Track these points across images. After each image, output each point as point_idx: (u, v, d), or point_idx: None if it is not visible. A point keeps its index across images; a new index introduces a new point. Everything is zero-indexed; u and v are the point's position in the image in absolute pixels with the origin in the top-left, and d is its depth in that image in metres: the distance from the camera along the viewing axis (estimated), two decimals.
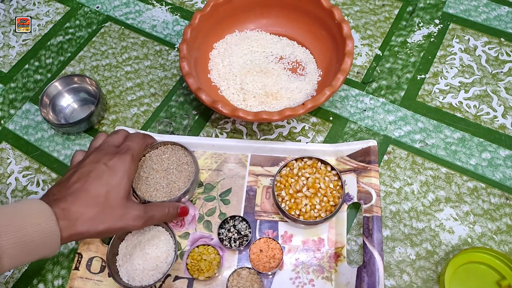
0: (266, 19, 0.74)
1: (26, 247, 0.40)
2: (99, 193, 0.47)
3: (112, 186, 0.48)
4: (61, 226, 0.43)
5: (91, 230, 0.45)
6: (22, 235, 0.40)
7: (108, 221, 0.47)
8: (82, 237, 0.46)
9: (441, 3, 0.78)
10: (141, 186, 0.57)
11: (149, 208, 0.52)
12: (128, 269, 0.54)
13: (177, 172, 0.58)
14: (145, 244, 0.55)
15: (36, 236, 0.41)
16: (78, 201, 0.45)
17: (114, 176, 0.48)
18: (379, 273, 0.51)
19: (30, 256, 0.42)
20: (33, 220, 0.41)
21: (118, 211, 0.48)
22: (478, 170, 0.61)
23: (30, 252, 0.41)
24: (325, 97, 0.58)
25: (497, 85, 0.68)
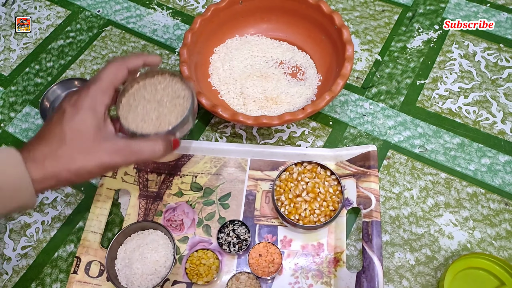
0: (266, 24, 0.74)
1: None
2: (63, 131, 0.43)
3: (76, 123, 0.43)
4: (30, 169, 0.40)
5: (63, 170, 0.42)
6: None
7: (80, 158, 0.42)
8: (57, 180, 0.42)
9: (441, 9, 0.78)
10: (128, 115, 0.49)
11: (134, 142, 0.45)
12: (126, 273, 0.53)
13: (170, 105, 0.49)
14: (144, 248, 0.54)
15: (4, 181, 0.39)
16: (43, 142, 0.42)
17: (77, 113, 0.43)
18: (378, 278, 0.51)
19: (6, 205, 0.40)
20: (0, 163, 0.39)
21: (88, 146, 0.43)
22: (478, 176, 0.61)
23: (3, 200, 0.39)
24: (325, 102, 0.58)
25: (497, 91, 0.68)
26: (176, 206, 0.62)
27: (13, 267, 0.60)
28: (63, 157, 0.42)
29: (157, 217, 0.61)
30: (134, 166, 0.63)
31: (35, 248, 0.62)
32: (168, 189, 0.63)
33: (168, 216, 0.61)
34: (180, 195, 0.62)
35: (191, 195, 0.62)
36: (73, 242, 0.61)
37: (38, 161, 0.41)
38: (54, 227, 0.63)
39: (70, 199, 0.65)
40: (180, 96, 0.50)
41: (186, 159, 0.65)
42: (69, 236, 0.62)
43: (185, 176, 0.64)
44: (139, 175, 0.63)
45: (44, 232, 0.63)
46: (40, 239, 0.62)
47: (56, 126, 0.43)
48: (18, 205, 0.41)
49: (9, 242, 0.62)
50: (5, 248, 0.62)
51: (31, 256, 0.61)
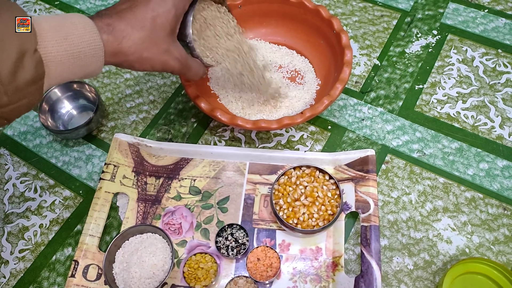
0: (265, 28, 0.75)
1: (72, 57, 0.39)
2: (146, 17, 0.45)
3: (159, 14, 0.45)
4: (105, 41, 0.42)
5: (135, 54, 0.45)
6: (68, 45, 0.39)
7: (154, 50, 0.46)
8: (124, 59, 0.45)
9: (439, 14, 0.79)
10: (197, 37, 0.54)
11: (190, 58, 0.52)
12: (124, 277, 0.53)
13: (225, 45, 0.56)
14: (142, 252, 0.54)
15: (82, 47, 0.40)
16: (124, 21, 0.44)
17: (162, 6, 0.46)
18: (376, 283, 0.51)
19: (75, 70, 0.41)
20: (77, 31, 0.40)
21: (164, 44, 0.47)
22: (476, 180, 0.61)
23: (75, 65, 0.40)
24: (324, 106, 0.58)
25: (495, 96, 0.69)
26: (174, 210, 0.61)
27: (11, 270, 0.60)
28: (139, 43, 0.45)
29: (156, 221, 0.61)
30: (133, 169, 0.63)
31: (33, 251, 0.61)
32: (166, 192, 0.63)
33: (166, 219, 0.61)
34: (178, 199, 0.62)
35: (189, 198, 0.62)
36: (71, 245, 0.61)
37: (117, 37, 0.43)
38: (52, 230, 0.63)
39: (68, 202, 0.65)
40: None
41: (184, 163, 0.65)
42: (67, 240, 0.62)
43: (184, 180, 0.64)
44: (137, 178, 0.63)
45: (42, 235, 0.62)
46: (38, 242, 0.62)
47: (140, 11, 0.45)
48: (86, 72, 0.43)
49: (7, 245, 0.62)
50: (3, 251, 0.62)
51: (28, 259, 0.61)
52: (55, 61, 0.38)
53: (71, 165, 0.68)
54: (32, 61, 0.36)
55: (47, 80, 0.39)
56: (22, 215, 0.64)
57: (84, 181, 0.67)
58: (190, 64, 0.51)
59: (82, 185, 0.66)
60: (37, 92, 0.39)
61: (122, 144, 0.64)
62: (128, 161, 0.64)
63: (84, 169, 0.68)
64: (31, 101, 0.39)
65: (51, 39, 0.38)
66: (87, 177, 0.67)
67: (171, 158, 0.65)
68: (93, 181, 0.66)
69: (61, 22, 0.39)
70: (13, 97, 0.36)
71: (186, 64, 0.50)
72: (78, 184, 0.66)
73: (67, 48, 0.39)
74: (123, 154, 0.64)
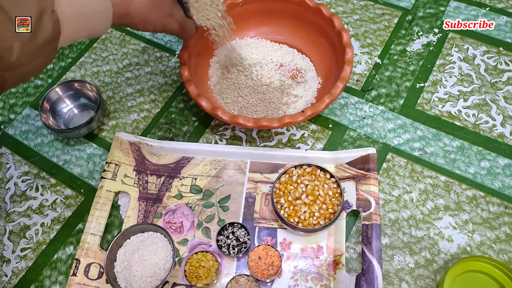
0: (266, 27, 0.74)
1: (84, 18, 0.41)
2: None
3: None
4: (115, 3, 0.45)
5: (141, 16, 0.48)
6: (80, 5, 0.41)
7: (158, 13, 0.50)
8: (130, 21, 0.48)
9: (440, 12, 0.79)
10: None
11: (187, 20, 0.56)
12: (126, 276, 0.53)
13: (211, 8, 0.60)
14: (143, 251, 0.54)
15: (92, 8, 0.42)
16: None
17: None
18: (377, 281, 0.51)
19: (84, 31, 0.43)
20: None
21: (167, 8, 0.51)
22: (477, 179, 0.61)
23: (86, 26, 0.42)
24: (325, 105, 0.58)
25: (496, 94, 0.69)
26: (175, 209, 0.62)
27: (12, 269, 0.60)
28: (146, 7, 0.48)
29: (157, 219, 0.61)
30: (134, 168, 0.63)
31: (35, 250, 0.61)
32: (167, 191, 0.63)
33: (167, 218, 0.61)
34: (179, 197, 0.62)
35: (190, 197, 0.62)
36: (72, 244, 0.61)
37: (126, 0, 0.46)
38: (54, 229, 0.63)
39: (69, 201, 0.65)
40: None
41: (186, 161, 0.65)
42: (68, 238, 0.62)
43: (185, 179, 0.64)
44: (138, 177, 0.63)
45: (43, 234, 0.63)
46: (40, 241, 0.62)
47: None
48: (95, 32, 0.45)
49: (9, 244, 0.62)
50: (5, 249, 0.62)
51: (30, 258, 0.61)
52: (69, 21, 0.40)
53: (73, 164, 0.68)
54: (50, 21, 0.38)
55: (61, 39, 0.40)
56: (23, 214, 0.65)
57: (85, 180, 0.67)
58: (187, 26, 0.56)
59: (84, 184, 0.66)
60: (52, 52, 0.40)
61: (123, 143, 0.64)
62: (129, 160, 0.64)
63: (86, 168, 0.68)
64: (46, 60, 0.40)
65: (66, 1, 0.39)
66: (88, 176, 0.67)
67: (172, 157, 0.65)
68: (94, 180, 0.66)
69: None
70: (31, 56, 0.38)
71: (184, 26, 0.55)
72: (79, 183, 0.66)
73: (80, 9, 0.41)
74: (124, 153, 0.64)
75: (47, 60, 0.40)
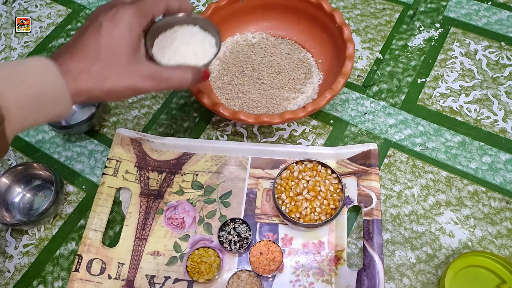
0: (267, 22, 0.74)
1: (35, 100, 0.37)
2: (98, 46, 0.41)
3: (112, 39, 0.42)
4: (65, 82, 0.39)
5: (96, 88, 0.41)
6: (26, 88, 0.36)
7: (113, 77, 0.42)
8: (89, 96, 0.41)
9: (442, 7, 0.78)
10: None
11: (165, 69, 0.46)
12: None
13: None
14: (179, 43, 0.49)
15: (41, 89, 0.37)
16: (76, 56, 0.41)
17: (114, 28, 0.42)
18: (379, 276, 0.51)
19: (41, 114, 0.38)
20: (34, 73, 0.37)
21: (123, 67, 0.43)
22: (479, 174, 0.61)
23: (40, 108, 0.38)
24: (326, 100, 0.58)
25: (498, 89, 0.68)
26: (177, 204, 0.62)
27: (15, 265, 0.61)
28: (97, 75, 0.41)
29: (158, 215, 0.61)
30: (135, 164, 0.64)
31: (37, 246, 0.62)
32: (169, 187, 0.63)
33: (169, 214, 0.61)
34: (181, 193, 0.62)
35: (192, 193, 0.62)
36: (74, 240, 0.62)
37: (73, 76, 0.40)
38: (56, 225, 0.63)
39: (71, 198, 0.65)
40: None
41: (187, 158, 0.65)
42: (70, 234, 0.62)
43: (186, 175, 0.64)
44: (140, 173, 0.64)
45: (45, 230, 0.63)
46: (42, 237, 0.62)
47: (91, 40, 0.42)
48: (54, 115, 0.40)
49: (11, 240, 0.63)
50: (7, 246, 0.62)
51: (33, 254, 0.61)
52: (15, 105, 0.35)
53: (74, 160, 0.68)
54: None
55: (9, 125, 0.36)
56: None
57: (86, 176, 0.67)
58: (166, 77, 0.46)
59: (85, 180, 0.66)
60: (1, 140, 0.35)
61: (124, 139, 0.64)
62: (131, 156, 0.64)
63: (87, 164, 0.68)
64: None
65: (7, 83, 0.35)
66: (89, 172, 0.67)
67: (173, 153, 0.65)
68: (95, 176, 0.67)
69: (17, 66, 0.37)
70: None
71: (160, 79, 0.45)
72: (81, 179, 0.67)
73: (27, 91, 0.36)
74: (125, 149, 0.64)
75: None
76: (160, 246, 0.59)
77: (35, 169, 0.65)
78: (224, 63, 0.71)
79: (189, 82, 0.47)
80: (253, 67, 0.70)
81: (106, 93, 0.42)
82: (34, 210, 0.64)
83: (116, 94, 0.43)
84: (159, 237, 0.59)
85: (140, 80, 0.44)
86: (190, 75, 0.47)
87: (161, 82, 0.45)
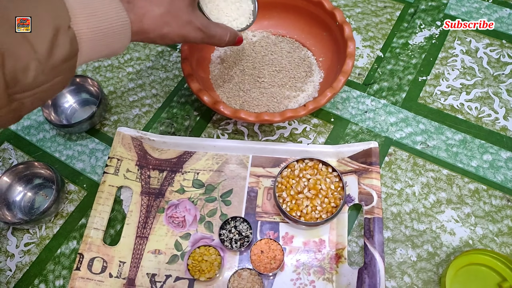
0: (267, 20, 0.74)
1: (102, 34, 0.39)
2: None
3: None
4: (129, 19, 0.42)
5: (156, 30, 0.45)
6: (97, 21, 0.39)
7: (174, 25, 0.46)
8: (146, 36, 0.45)
9: (443, 5, 0.78)
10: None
11: (213, 25, 0.51)
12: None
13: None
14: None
15: (110, 23, 0.40)
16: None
17: None
18: (380, 274, 0.51)
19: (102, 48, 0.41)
20: (104, 8, 0.39)
21: (184, 16, 0.47)
22: (480, 172, 0.61)
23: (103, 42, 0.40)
24: (327, 99, 0.58)
25: (499, 87, 0.68)
26: (178, 203, 0.62)
27: (16, 263, 0.61)
28: (159, 19, 0.44)
29: (159, 214, 0.61)
30: (136, 163, 0.64)
31: (38, 245, 0.62)
32: (170, 186, 0.63)
33: (170, 213, 0.61)
34: (182, 192, 0.62)
35: (193, 192, 0.62)
36: (75, 238, 0.62)
37: (138, 15, 0.43)
38: (57, 224, 0.63)
39: (72, 196, 0.65)
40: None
41: (188, 156, 0.65)
42: (71, 233, 0.62)
43: (187, 173, 0.64)
44: (141, 172, 0.64)
45: (47, 229, 0.63)
46: (43, 236, 0.62)
47: None
48: (114, 50, 0.42)
49: (12, 238, 0.63)
50: (8, 244, 0.62)
51: (34, 253, 0.61)
52: (86, 38, 0.38)
53: (75, 159, 0.69)
54: (67, 38, 0.36)
55: (79, 57, 0.39)
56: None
57: (87, 174, 0.67)
58: (212, 33, 0.50)
59: (86, 179, 0.66)
60: (71, 70, 0.39)
61: (125, 138, 0.64)
62: (132, 154, 0.64)
63: (88, 163, 0.68)
64: (65, 79, 0.39)
65: (80, 15, 0.38)
66: (90, 171, 0.67)
67: (174, 151, 0.65)
68: (96, 175, 0.67)
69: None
70: (49, 76, 0.36)
71: (208, 33, 0.49)
72: (82, 178, 0.67)
73: (96, 25, 0.39)
74: (126, 147, 0.64)
75: (65, 79, 0.39)
76: (161, 245, 0.59)
77: (36, 168, 0.65)
78: (224, 61, 0.71)
79: (225, 43, 0.53)
80: (253, 66, 0.70)
81: (161, 36, 0.46)
82: (35, 209, 0.64)
83: (168, 39, 0.47)
84: (160, 236, 0.59)
85: (192, 31, 0.48)
86: (227, 37, 0.52)
87: (207, 37, 0.50)
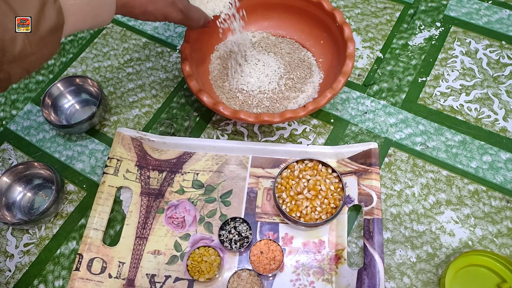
0: (267, 21, 0.74)
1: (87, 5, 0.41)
2: None
3: None
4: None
5: (142, 6, 0.47)
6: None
7: (159, 3, 0.48)
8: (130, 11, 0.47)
9: (443, 6, 0.78)
10: None
11: (192, 8, 0.54)
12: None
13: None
14: None
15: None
16: None
17: None
18: (379, 275, 0.51)
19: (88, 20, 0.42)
20: None
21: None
22: (479, 173, 0.61)
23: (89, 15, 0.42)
24: (326, 100, 0.58)
25: (498, 88, 0.68)
26: (177, 204, 0.62)
27: (16, 264, 0.61)
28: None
29: (159, 215, 0.61)
30: (136, 163, 0.64)
31: (38, 245, 0.62)
32: (169, 186, 0.63)
33: (170, 213, 0.61)
34: (181, 193, 0.62)
35: (192, 192, 0.62)
36: (75, 239, 0.62)
37: None
38: (57, 225, 0.63)
39: (72, 197, 0.65)
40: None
41: (187, 157, 0.65)
42: (71, 233, 0.62)
43: (187, 174, 0.64)
44: (140, 172, 0.64)
45: (46, 230, 0.63)
46: (43, 236, 0.62)
47: None
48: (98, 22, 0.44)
49: (12, 239, 0.63)
50: (8, 245, 0.62)
51: (33, 253, 0.61)
52: (72, 9, 0.39)
53: (74, 159, 0.69)
54: (53, 10, 0.37)
55: (65, 29, 0.40)
56: None
57: (87, 175, 0.67)
58: (191, 15, 0.53)
59: (86, 179, 0.66)
60: (57, 41, 0.40)
61: (125, 138, 0.64)
62: (131, 155, 0.64)
63: (88, 163, 0.68)
64: (51, 51, 0.40)
65: None
66: (90, 171, 0.67)
67: (174, 152, 0.65)
68: (96, 175, 0.67)
69: None
70: (36, 47, 0.37)
71: (187, 15, 0.52)
72: (81, 178, 0.67)
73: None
74: (126, 148, 0.64)
75: (51, 50, 0.40)
76: (161, 245, 0.59)
77: (35, 168, 0.65)
78: (224, 62, 0.71)
79: (198, 26, 0.56)
80: (254, 66, 0.70)
81: (144, 13, 0.48)
82: (34, 209, 0.64)
83: (150, 16, 0.49)
84: (159, 236, 0.59)
85: (174, 11, 0.51)
86: (202, 22, 0.56)
87: (185, 18, 0.53)
